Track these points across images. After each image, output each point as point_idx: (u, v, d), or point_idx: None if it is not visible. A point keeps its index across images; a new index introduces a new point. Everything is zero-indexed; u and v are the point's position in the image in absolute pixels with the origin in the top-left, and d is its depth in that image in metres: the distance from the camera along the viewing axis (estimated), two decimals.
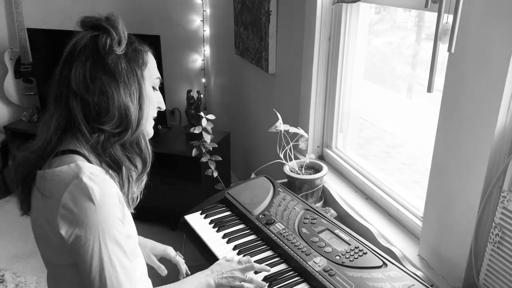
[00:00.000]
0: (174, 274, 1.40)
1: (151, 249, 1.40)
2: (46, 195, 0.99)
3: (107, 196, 0.98)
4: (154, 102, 1.13)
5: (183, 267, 1.40)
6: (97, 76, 1.01)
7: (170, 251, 1.41)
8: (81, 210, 0.95)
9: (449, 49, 1.04)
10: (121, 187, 1.06)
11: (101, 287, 0.97)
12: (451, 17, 1.06)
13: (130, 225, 1.11)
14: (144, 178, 1.16)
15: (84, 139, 1.03)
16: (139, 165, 1.11)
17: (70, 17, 3.31)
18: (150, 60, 1.11)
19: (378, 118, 4.96)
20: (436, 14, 1.11)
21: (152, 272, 1.30)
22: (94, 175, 0.98)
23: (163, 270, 1.39)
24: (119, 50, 1.03)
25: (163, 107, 1.17)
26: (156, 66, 1.14)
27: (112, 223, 0.98)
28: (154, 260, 1.40)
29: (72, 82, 1.01)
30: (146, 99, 1.08)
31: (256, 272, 1.29)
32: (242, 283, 1.22)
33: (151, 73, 1.11)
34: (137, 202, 1.15)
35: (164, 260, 1.41)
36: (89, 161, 1.02)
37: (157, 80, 1.13)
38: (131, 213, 1.14)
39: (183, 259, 1.41)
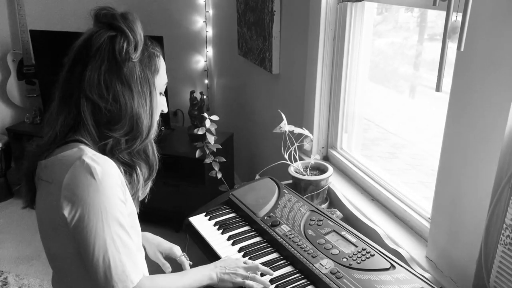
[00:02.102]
0: None
1: (157, 245, 1.40)
2: (49, 181, 0.99)
3: (109, 176, 0.98)
4: (160, 108, 1.13)
5: (188, 268, 1.39)
6: (112, 83, 1.01)
7: (176, 250, 1.41)
8: (83, 188, 0.95)
9: (458, 47, 1.02)
10: (130, 189, 1.07)
11: (104, 269, 0.97)
12: (459, 15, 1.04)
13: (134, 217, 1.10)
14: (150, 184, 1.17)
15: (92, 141, 1.03)
16: (145, 171, 1.13)
17: (73, 19, 3.31)
18: (162, 65, 1.11)
19: (382, 119, 4.95)
20: (441, 12, 1.10)
21: (155, 269, 1.29)
22: (96, 156, 0.99)
23: (167, 268, 1.39)
24: (135, 57, 1.03)
25: (166, 110, 1.17)
26: (165, 70, 1.14)
27: (114, 203, 0.98)
28: (159, 257, 1.40)
29: (86, 86, 1.00)
30: (155, 106, 1.09)
31: (261, 275, 1.28)
32: (244, 280, 1.22)
33: (161, 79, 1.11)
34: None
35: (169, 259, 1.41)
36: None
37: (165, 85, 1.14)
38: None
39: (189, 261, 1.41)
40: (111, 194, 0.98)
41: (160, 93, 1.13)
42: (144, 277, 1.06)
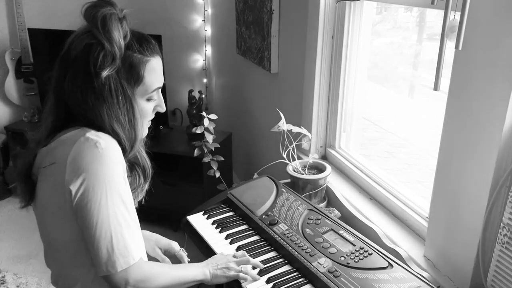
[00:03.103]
0: None
1: (156, 242, 1.42)
2: (53, 162, 1.00)
3: (112, 150, 0.99)
4: (148, 114, 1.11)
5: (187, 262, 1.42)
6: (87, 95, 1.00)
7: (174, 245, 1.43)
8: (88, 160, 0.96)
9: (456, 46, 1.02)
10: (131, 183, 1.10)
11: (106, 244, 0.98)
12: (458, 14, 1.04)
13: (133, 207, 1.11)
14: (146, 186, 1.18)
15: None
16: (140, 174, 1.14)
17: (71, 17, 3.30)
18: (150, 71, 1.06)
19: (381, 118, 4.95)
20: (440, 12, 1.10)
21: None
22: (100, 133, 1.00)
23: (167, 262, 1.41)
24: (111, 69, 0.99)
25: (162, 110, 1.15)
26: (161, 71, 1.09)
27: (118, 179, 0.99)
28: (158, 253, 1.41)
29: (67, 95, 1.02)
30: (138, 117, 1.06)
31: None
32: (238, 273, 1.24)
33: (146, 87, 1.06)
34: None
35: (168, 255, 1.43)
36: None
37: (154, 92, 1.09)
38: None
39: (187, 256, 1.43)
40: (115, 168, 0.99)
41: (149, 99, 1.09)
42: (143, 260, 1.06)
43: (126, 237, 0.99)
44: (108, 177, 0.97)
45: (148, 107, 1.10)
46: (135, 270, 1.01)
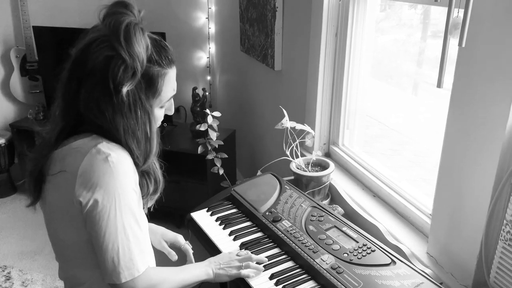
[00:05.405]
0: (182, 262, 1.42)
1: (162, 235, 1.43)
2: (63, 170, 1.00)
3: (123, 164, 1.00)
4: (159, 119, 1.11)
5: (192, 255, 1.43)
6: (106, 108, 0.98)
7: (180, 239, 1.45)
8: (99, 174, 0.97)
9: (459, 43, 1.02)
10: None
11: (112, 255, 0.99)
12: (461, 11, 1.04)
13: (141, 209, 1.12)
14: (156, 197, 1.20)
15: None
16: (151, 185, 1.14)
17: (76, 15, 3.32)
18: (167, 82, 1.04)
19: (384, 116, 4.94)
20: (444, 9, 1.10)
21: (161, 258, 1.32)
22: (111, 145, 1.00)
23: (173, 256, 1.42)
24: (131, 84, 0.97)
25: (171, 113, 1.15)
26: (175, 80, 1.08)
27: (128, 192, 1.00)
28: (164, 246, 1.43)
29: (82, 105, 1.00)
30: (155, 130, 1.07)
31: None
32: (240, 271, 1.25)
33: (162, 98, 1.06)
34: None
35: (173, 248, 1.44)
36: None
37: (169, 102, 1.10)
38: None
39: (192, 249, 1.44)
40: (125, 182, 1.00)
41: (162, 106, 1.09)
42: (149, 267, 1.08)
43: (132, 250, 1.01)
44: (118, 190, 0.98)
45: (161, 113, 1.11)
46: (141, 279, 1.03)
